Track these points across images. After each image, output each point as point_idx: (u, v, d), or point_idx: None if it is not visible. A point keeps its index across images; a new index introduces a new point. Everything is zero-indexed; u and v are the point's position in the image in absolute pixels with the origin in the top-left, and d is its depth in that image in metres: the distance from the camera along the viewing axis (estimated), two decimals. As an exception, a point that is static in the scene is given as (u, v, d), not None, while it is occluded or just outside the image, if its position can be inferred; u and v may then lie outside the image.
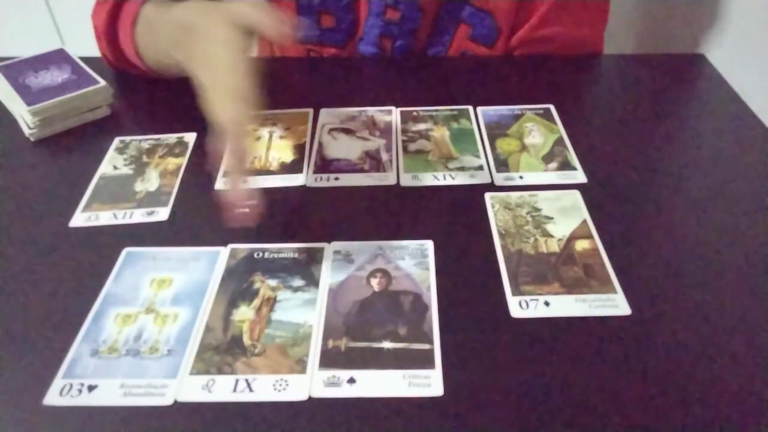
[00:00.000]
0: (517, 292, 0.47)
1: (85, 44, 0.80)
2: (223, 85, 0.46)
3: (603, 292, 0.47)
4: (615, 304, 0.46)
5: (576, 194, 0.56)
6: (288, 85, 0.76)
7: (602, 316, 0.45)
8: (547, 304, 0.46)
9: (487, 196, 0.56)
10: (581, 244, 0.51)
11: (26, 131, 0.65)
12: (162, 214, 0.55)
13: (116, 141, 0.65)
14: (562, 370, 0.42)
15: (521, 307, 0.46)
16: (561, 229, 0.52)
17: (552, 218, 0.53)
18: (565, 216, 0.53)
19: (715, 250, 0.51)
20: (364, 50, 0.79)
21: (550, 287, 0.47)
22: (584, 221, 0.53)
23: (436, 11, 0.76)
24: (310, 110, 0.68)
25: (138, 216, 0.55)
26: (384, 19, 0.75)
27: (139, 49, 0.65)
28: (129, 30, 0.65)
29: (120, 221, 0.55)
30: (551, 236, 0.52)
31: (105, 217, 0.55)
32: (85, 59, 0.72)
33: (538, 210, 0.54)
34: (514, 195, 0.56)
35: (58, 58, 0.72)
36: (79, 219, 0.55)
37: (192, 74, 0.50)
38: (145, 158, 0.62)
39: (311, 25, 0.69)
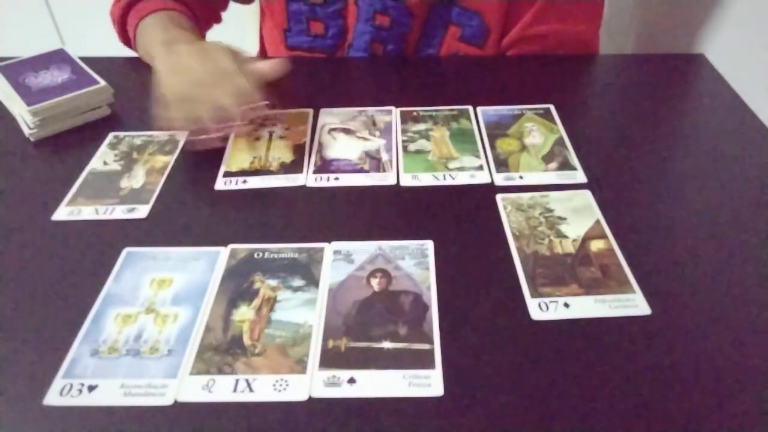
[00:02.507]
0: (536, 294, 0.47)
1: (85, 44, 0.80)
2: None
3: (622, 292, 0.47)
4: (635, 304, 0.46)
5: (587, 194, 0.56)
6: (288, 85, 0.76)
7: (622, 316, 0.45)
8: (566, 305, 0.46)
9: (499, 197, 0.56)
10: (596, 245, 0.51)
11: (26, 131, 0.65)
12: (142, 211, 0.55)
13: (110, 136, 0.65)
14: (565, 370, 0.42)
15: (541, 309, 0.46)
16: (574, 229, 0.52)
17: (565, 219, 0.53)
18: (578, 216, 0.53)
19: (717, 249, 0.51)
20: (355, 56, 0.79)
21: (569, 288, 0.47)
22: (597, 221, 0.53)
23: (425, 14, 0.76)
24: (310, 110, 0.68)
25: (119, 212, 0.55)
26: (374, 25, 0.75)
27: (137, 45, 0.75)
28: (134, 26, 0.73)
29: (101, 217, 0.55)
30: (565, 237, 0.52)
31: (87, 212, 0.55)
32: (85, 59, 0.72)
33: (550, 211, 0.54)
34: (526, 196, 0.56)
35: (58, 58, 0.72)
36: (62, 213, 0.55)
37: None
38: (135, 155, 0.62)
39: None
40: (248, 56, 0.66)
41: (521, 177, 0.59)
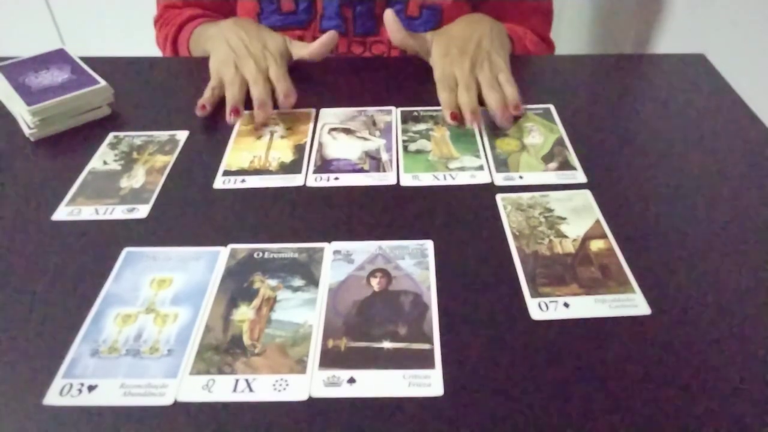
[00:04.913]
0: (535, 294, 0.47)
1: (85, 44, 0.80)
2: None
3: (621, 292, 0.47)
4: (635, 304, 0.46)
5: (587, 194, 0.56)
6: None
7: (622, 316, 0.45)
8: (566, 305, 0.46)
9: (499, 197, 0.56)
10: (596, 244, 0.51)
11: (26, 131, 0.65)
12: (142, 211, 0.55)
13: (110, 136, 0.65)
14: (565, 370, 0.42)
15: (541, 309, 0.46)
16: (575, 229, 0.52)
17: (565, 218, 0.53)
18: (578, 216, 0.53)
19: (717, 249, 0.51)
20: (327, 25, 0.80)
21: (569, 288, 0.47)
22: (597, 221, 0.53)
23: None
24: (313, 110, 0.68)
25: (119, 213, 0.55)
26: None
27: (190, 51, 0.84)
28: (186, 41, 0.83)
29: (101, 217, 0.55)
30: (565, 237, 0.52)
31: (87, 212, 0.55)
32: (85, 59, 0.72)
33: (550, 211, 0.54)
34: (526, 196, 0.56)
35: (58, 58, 0.72)
36: (62, 213, 0.55)
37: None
38: (135, 155, 0.62)
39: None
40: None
41: (521, 177, 0.59)
